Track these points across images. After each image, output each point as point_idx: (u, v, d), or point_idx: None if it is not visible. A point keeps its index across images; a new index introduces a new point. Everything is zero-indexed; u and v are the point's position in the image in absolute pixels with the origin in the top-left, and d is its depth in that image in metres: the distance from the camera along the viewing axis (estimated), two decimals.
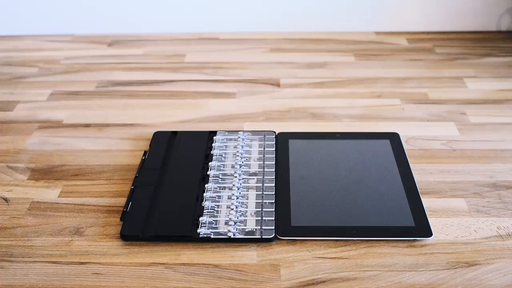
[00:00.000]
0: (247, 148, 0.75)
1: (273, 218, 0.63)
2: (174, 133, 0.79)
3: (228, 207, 0.65)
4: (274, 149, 0.75)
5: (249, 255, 0.59)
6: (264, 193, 0.67)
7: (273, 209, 0.64)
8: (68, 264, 0.58)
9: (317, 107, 0.89)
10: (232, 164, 0.72)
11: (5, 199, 0.68)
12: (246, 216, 0.63)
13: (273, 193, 0.67)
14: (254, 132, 0.79)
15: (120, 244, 0.61)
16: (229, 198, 0.66)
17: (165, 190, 0.68)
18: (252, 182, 0.69)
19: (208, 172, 0.71)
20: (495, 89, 0.95)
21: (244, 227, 0.62)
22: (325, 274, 0.57)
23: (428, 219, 0.63)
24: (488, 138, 0.80)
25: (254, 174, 0.70)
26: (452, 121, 0.84)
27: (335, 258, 0.59)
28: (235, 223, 0.62)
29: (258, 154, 0.74)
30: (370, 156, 0.74)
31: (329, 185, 0.69)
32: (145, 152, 0.75)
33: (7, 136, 0.82)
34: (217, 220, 0.63)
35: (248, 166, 0.72)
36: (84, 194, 0.69)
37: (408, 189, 0.68)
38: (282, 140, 0.77)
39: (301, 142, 0.77)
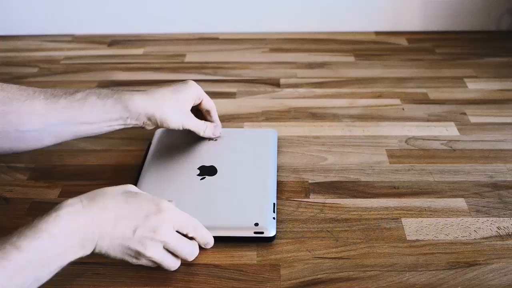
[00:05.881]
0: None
1: (274, 217, 0.62)
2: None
3: None
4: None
5: (249, 255, 0.59)
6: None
7: (272, 207, 0.64)
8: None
9: (317, 107, 0.89)
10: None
11: (5, 199, 0.68)
12: None
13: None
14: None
15: None
16: None
17: None
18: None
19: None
20: (495, 89, 0.95)
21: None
22: (325, 274, 0.57)
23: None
24: (488, 138, 0.80)
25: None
26: (452, 121, 0.85)
27: (335, 258, 0.59)
28: None
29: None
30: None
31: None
32: (149, 144, 0.75)
33: None
34: None
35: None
36: None
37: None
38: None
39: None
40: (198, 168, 0.69)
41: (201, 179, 0.68)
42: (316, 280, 0.56)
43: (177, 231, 0.55)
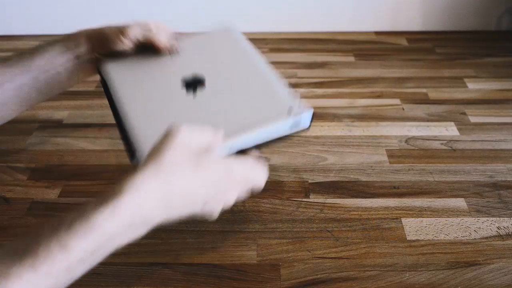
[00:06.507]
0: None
1: (299, 101, 0.54)
2: None
3: None
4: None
5: (249, 255, 0.59)
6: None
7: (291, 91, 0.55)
8: None
9: (317, 107, 0.89)
10: None
11: (5, 199, 0.68)
12: None
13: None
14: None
15: None
16: None
17: None
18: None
19: None
20: (495, 89, 0.95)
21: None
22: (325, 274, 0.57)
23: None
24: (488, 138, 0.80)
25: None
26: (452, 121, 0.85)
27: (335, 258, 0.59)
28: None
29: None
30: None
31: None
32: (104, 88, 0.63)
33: (7, 136, 0.82)
34: None
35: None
36: (84, 194, 0.69)
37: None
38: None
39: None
40: (184, 86, 0.57)
41: (194, 95, 0.56)
42: (316, 280, 0.56)
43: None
